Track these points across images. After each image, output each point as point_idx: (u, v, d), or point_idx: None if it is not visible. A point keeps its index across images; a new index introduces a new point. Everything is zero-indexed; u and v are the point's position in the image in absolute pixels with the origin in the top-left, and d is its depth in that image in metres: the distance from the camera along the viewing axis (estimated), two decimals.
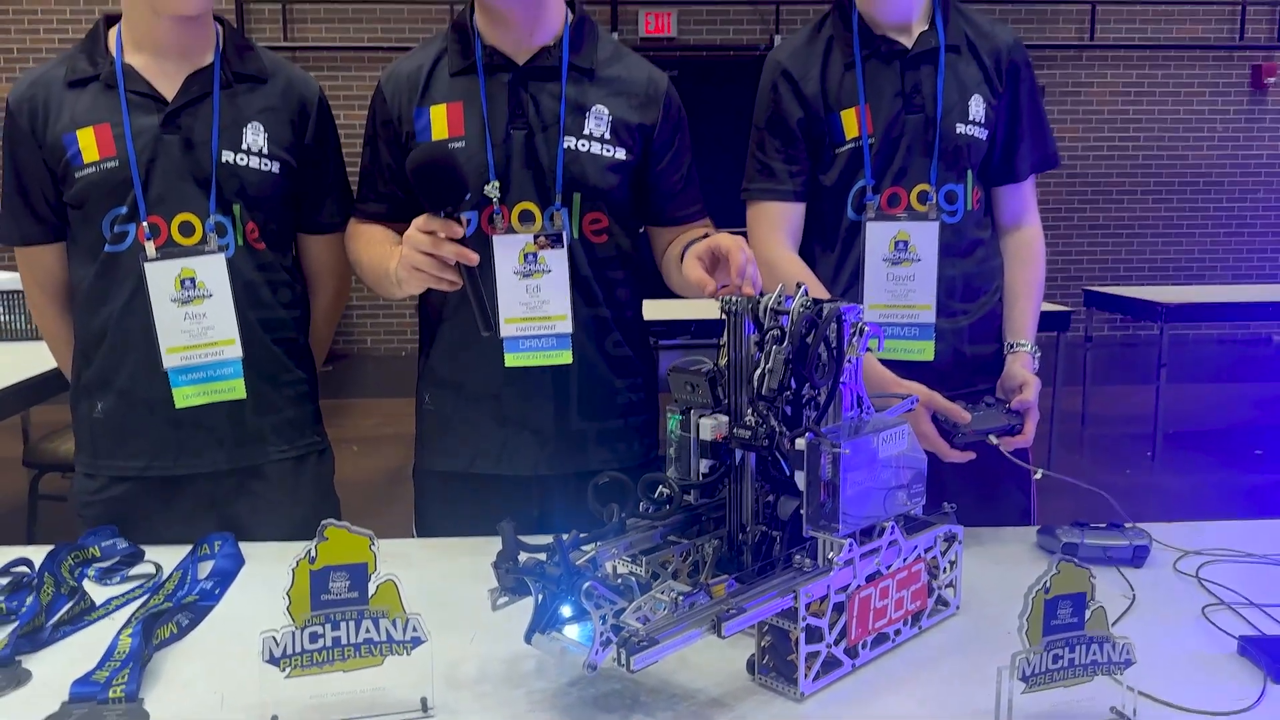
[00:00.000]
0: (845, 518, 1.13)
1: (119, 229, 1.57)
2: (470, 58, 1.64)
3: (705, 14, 8.03)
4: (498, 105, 1.63)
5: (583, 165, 1.63)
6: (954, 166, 1.71)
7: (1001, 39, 1.76)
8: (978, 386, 1.72)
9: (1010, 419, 1.62)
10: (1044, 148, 1.80)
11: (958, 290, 1.74)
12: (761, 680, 1.13)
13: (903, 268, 1.70)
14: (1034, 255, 1.80)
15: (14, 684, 1.15)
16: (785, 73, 1.74)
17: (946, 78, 1.70)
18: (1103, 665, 1.04)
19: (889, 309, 1.71)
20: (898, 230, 1.70)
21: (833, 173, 1.73)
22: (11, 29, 7.79)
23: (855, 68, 1.70)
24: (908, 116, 1.70)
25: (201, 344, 1.59)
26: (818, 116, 1.72)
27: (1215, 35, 8.32)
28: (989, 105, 1.73)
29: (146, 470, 1.63)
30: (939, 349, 1.71)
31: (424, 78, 1.66)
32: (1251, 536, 1.57)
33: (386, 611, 1.06)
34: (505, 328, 1.62)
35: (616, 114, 1.65)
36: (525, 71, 1.64)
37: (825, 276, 1.75)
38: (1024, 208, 1.81)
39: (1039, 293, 1.80)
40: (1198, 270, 8.51)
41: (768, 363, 1.19)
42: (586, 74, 1.66)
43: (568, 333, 1.63)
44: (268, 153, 1.63)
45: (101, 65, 1.58)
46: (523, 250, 1.61)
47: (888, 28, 1.72)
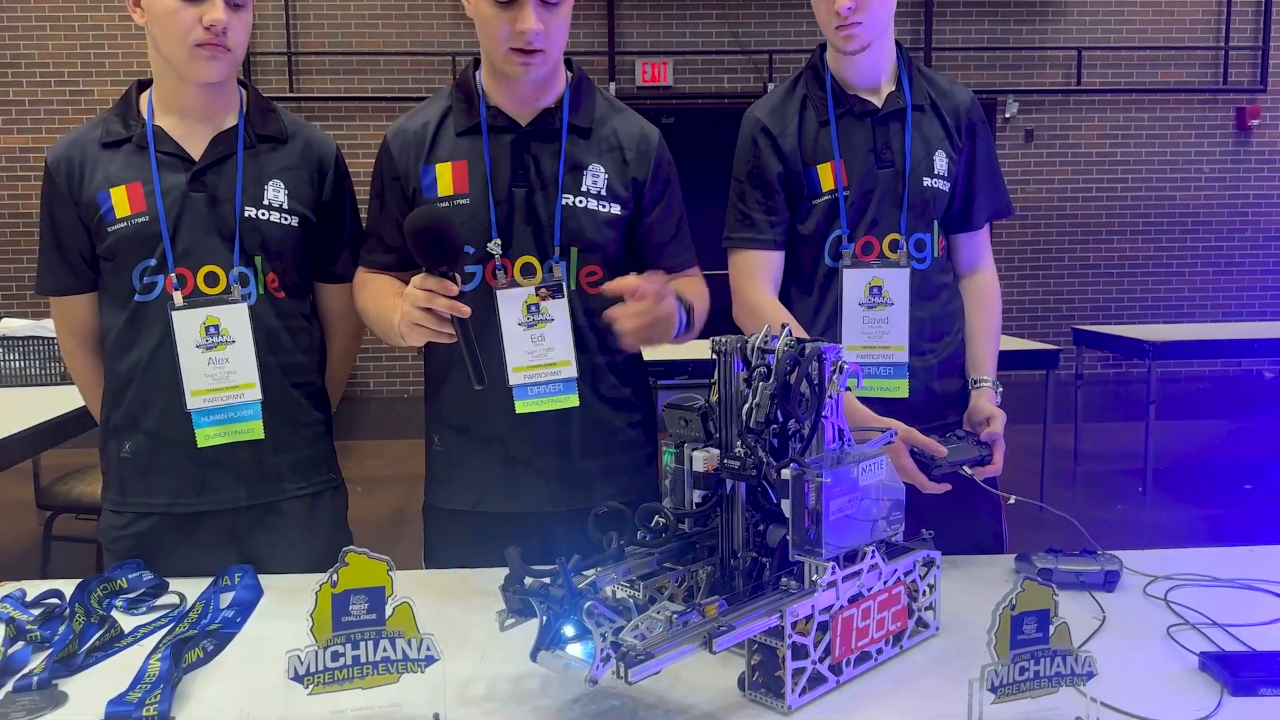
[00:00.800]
0: (828, 543, 1.21)
1: (148, 279, 1.67)
2: (475, 118, 1.73)
3: (700, 63, 8.23)
4: (501, 164, 1.72)
5: (579, 221, 1.72)
6: (922, 217, 1.83)
7: (960, 99, 1.89)
8: (947, 419, 1.83)
9: (980, 450, 1.72)
10: (999, 199, 1.93)
11: (926, 331, 1.85)
12: (751, 696, 1.21)
13: (877, 311, 1.81)
14: (990, 297, 1.92)
15: (52, 705, 1.23)
16: (764, 129, 1.85)
17: (914, 135, 1.82)
18: (1066, 677, 1.12)
19: (865, 350, 1.81)
20: (872, 276, 1.82)
21: (810, 222, 1.84)
22: (24, 81, 7.98)
23: (830, 125, 1.82)
24: (879, 171, 1.82)
25: (224, 387, 1.69)
26: (796, 170, 1.83)
27: (1199, 79, 8.51)
28: (950, 160, 1.85)
29: (171, 507, 1.71)
30: (911, 386, 1.82)
31: (430, 136, 1.75)
32: (1218, 563, 1.65)
33: (402, 632, 1.14)
34: (513, 376, 1.70)
35: (611, 171, 1.75)
36: (528, 133, 1.73)
37: (804, 319, 1.84)
38: (980, 254, 1.94)
39: (996, 332, 1.92)
40: (1187, 308, 8.63)
41: (755, 398, 1.28)
42: (584, 133, 1.75)
43: (573, 377, 1.72)
44: (288, 208, 1.73)
45: (134, 127, 1.69)
46: (525, 302, 1.70)
47: (858, 89, 1.84)
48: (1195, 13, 8.46)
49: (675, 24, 8.23)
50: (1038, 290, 8.53)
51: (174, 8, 1.60)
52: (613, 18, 8.15)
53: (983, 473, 1.72)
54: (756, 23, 8.21)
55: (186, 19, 1.60)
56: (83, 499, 3.38)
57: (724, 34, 8.19)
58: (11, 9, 7.90)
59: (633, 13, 8.23)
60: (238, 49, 1.65)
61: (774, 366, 1.28)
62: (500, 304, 1.70)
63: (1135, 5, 8.43)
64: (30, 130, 8.01)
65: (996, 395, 1.84)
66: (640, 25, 8.24)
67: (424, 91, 7.93)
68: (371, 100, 8.09)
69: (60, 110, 8.01)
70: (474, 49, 1.77)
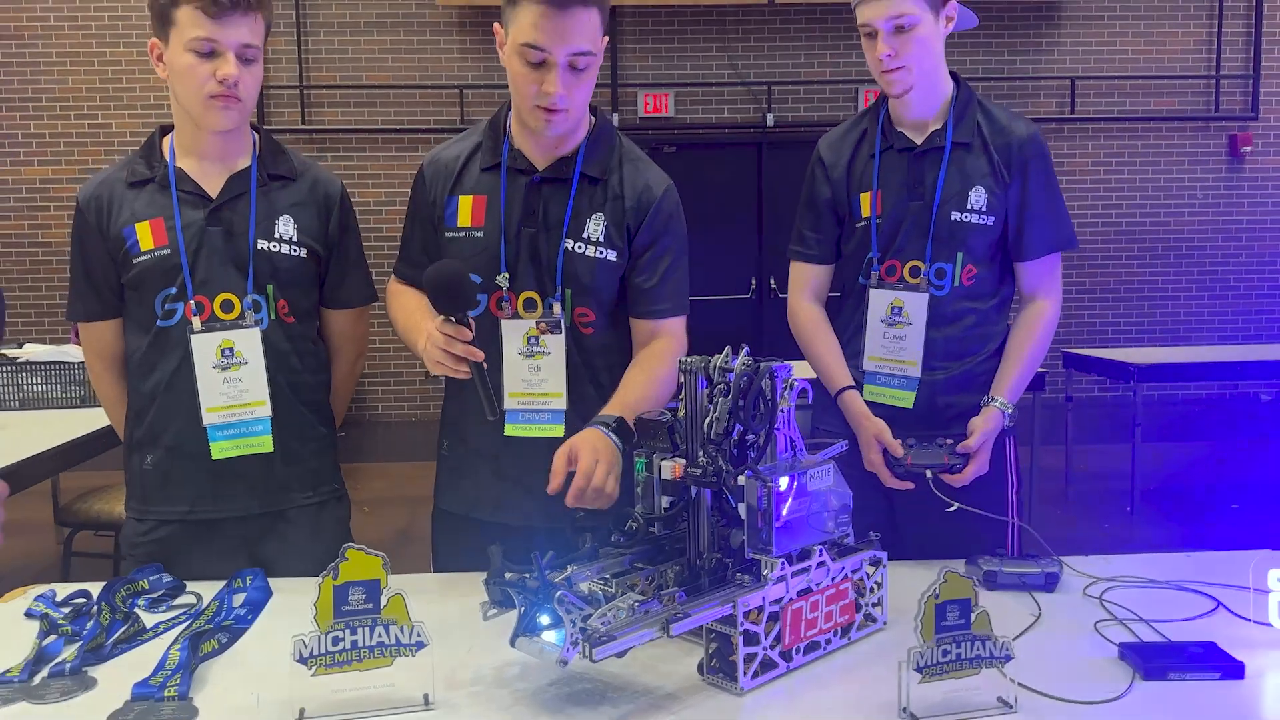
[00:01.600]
0: (779, 541, 1.36)
1: (169, 306, 1.83)
2: (499, 158, 1.86)
3: (701, 94, 8.42)
4: (514, 205, 1.85)
5: (576, 265, 1.84)
6: (946, 248, 1.98)
7: (1015, 134, 1.98)
8: (952, 430, 1.96)
9: (952, 459, 1.86)
10: (1056, 231, 2.00)
11: (939, 351, 2.00)
12: (709, 679, 1.35)
13: (896, 329, 2.00)
14: (1033, 326, 2.01)
15: (83, 688, 1.38)
16: (820, 159, 2.09)
17: (949, 171, 1.97)
18: (985, 659, 1.25)
19: (883, 362, 2.02)
20: (894, 297, 2.00)
21: (852, 244, 2.07)
22: (45, 115, 8.21)
23: (875, 159, 2.02)
24: (910, 203, 1.99)
25: (237, 405, 1.84)
26: (842, 197, 2.05)
27: (1192, 107, 8.66)
28: (992, 195, 1.96)
29: (189, 515, 1.86)
30: (917, 398, 2.00)
31: (459, 167, 1.89)
32: (1155, 566, 1.78)
33: (395, 619, 1.28)
34: (509, 400, 1.84)
35: (611, 219, 1.85)
36: (542, 179, 1.85)
37: (844, 326, 2.08)
38: (1038, 283, 2.02)
39: (1030, 358, 2.00)
40: (1183, 332, 8.74)
41: (715, 412, 1.43)
42: (594, 180, 1.86)
43: (562, 409, 1.84)
44: (297, 241, 1.89)
45: (157, 169, 1.86)
46: (526, 333, 1.84)
47: (906, 125, 2.01)
48: (1187, 43, 8.63)
49: (676, 57, 8.44)
50: None
51: (191, 64, 1.76)
52: (616, 51, 8.36)
53: (955, 480, 1.87)
54: (755, 55, 8.41)
55: (202, 73, 1.76)
56: (100, 516, 3.54)
57: (724, 66, 8.39)
58: (34, 45, 8.15)
59: (635, 46, 8.44)
60: (249, 99, 1.81)
61: (732, 384, 1.42)
62: (504, 332, 1.84)
63: (1127, 36, 8.60)
64: (50, 162, 8.24)
65: (1004, 416, 1.95)
66: (642, 58, 8.45)
67: (432, 124, 8.15)
68: (381, 132, 8.29)
69: (80, 143, 8.23)
70: (481, 83, 1.93)
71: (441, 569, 1.96)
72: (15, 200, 8.23)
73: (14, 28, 8.13)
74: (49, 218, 8.22)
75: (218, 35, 1.75)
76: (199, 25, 1.74)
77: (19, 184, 8.22)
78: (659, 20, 8.38)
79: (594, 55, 1.75)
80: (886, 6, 1.86)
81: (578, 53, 1.72)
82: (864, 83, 8.40)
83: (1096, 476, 5.90)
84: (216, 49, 1.76)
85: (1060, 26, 8.57)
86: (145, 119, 8.14)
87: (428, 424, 2.02)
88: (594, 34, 1.74)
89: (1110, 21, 8.58)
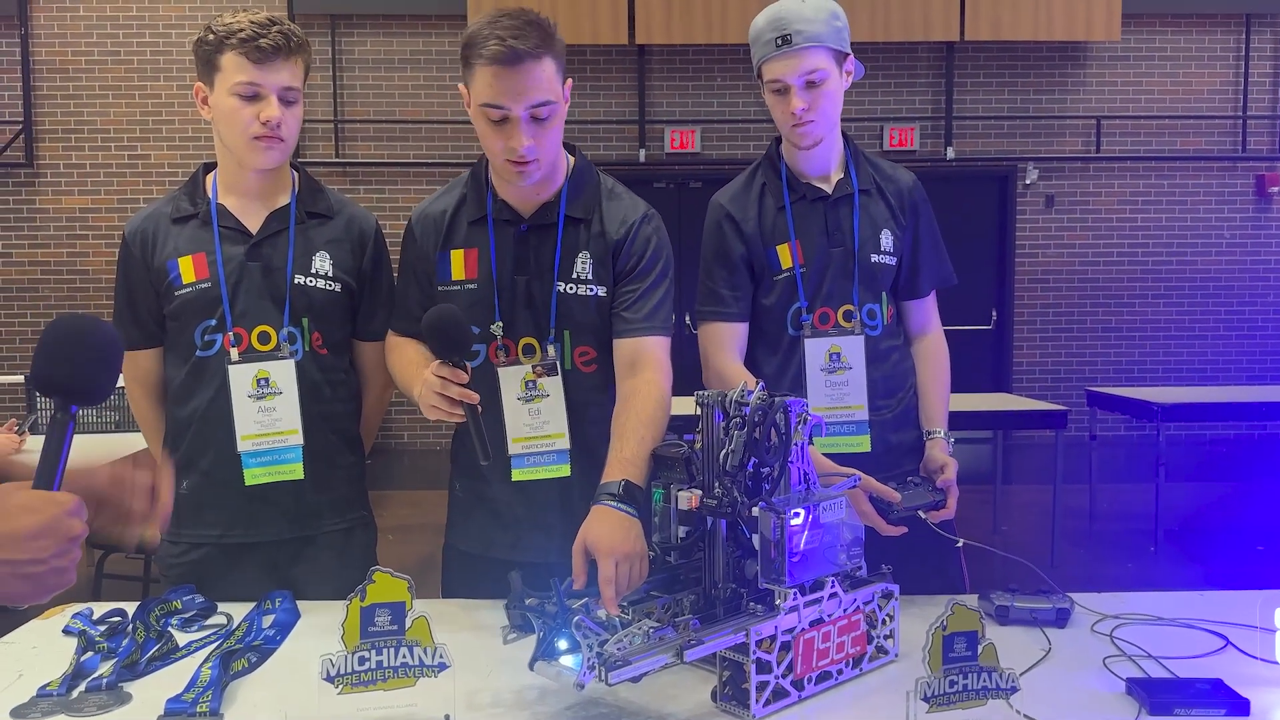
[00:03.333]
0: (792, 572, 1.39)
1: (208, 337, 1.90)
2: (484, 210, 1.90)
3: (726, 131, 8.54)
4: (505, 254, 1.88)
5: (570, 306, 1.87)
6: (871, 288, 2.04)
7: (903, 182, 2.11)
8: (904, 467, 2.01)
9: (935, 495, 1.90)
10: (942, 270, 2.15)
11: (879, 390, 2.04)
12: (722, 706, 1.38)
13: (837, 375, 2.02)
14: (938, 357, 2.14)
15: (118, 703, 1.43)
16: (728, 215, 2.06)
17: (861, 217, 2.04)
18: (992, 690, 1.28)
19: (829, 410, 2.00)
20: (831, 344, 2.02)
21: (772, 296, 2.05)
22: (85, 146, 8.44)
23: (786, 210, 2.04)
24: (832, 250, 2.03)
25: (270, 433, 1.91)
26: (758, 251, 2.04)
27: (1219, 147, 8.67)
28: (896, 237, 2.06)
29: (221, 539, 1.92)
30: (871, 440, 2.01)
31: (447, 223, 1.92)
32: (1165, 605, 1.79)
33: (419, 641, 1.33)
34: (512, 446, 1.87)
35: (595, 256, 1.89)
36: (529, 227, 1.88)
37: (770, 381, 2.02)
38: (928, 318, 2.15)
39: (947, 387, 2.12)
40: (1211, 372, 8.69)
41: (730, 445, 1.47)
42: (580, 222, 1.89)
43: (566, 449, 1.87)
44: (332, 276, 1.96)
45: (200, 205, 1.94)
46: (524, 378, 1.87)
47: (810, 177, 2.06)
48: (1213, 83, 8.65)
49: (703, 94, 8.57)
50: (1059, 353, 8.64)
51: (235, 106, 1.85)
52: (643, 88, 8.49)
53: (937, 516, 1.89)
54: None
55: (246, 115, 1.85)
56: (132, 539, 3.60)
57: (750, 103, 8.50)
58: (78, 79, 8.40)
59: (662, 83, 8.58)
60: (290, 139, 1.90)
61: (747, 417, 1.47)
62: (501, 380, 1.87)
63: (1153, 76, 8.64)
64: (90, 192, 8.45)
65: (949, 445, 2.03)
66: (669, 95, 8.58)
67: (463, 158, 8.30)
68: (413, 166, 8.46)
69: (119, 174, 8.45)
70: None
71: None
72: (55, 229, 8.44)
73: (58, 61, 8.38)
74: (88, 246, 8.43)
75: (260, 79, 1.83)
76: (242, 70, 1.83)
77: (59, 213, 8.44)
78: (686, 58, 8.52)
79: (555, 103, 1.76)
80: (799, 62, 1.91)
81: (536, 104, 1.74)
82: (889, 120, 8.49)
83: (1120, 516, 5.87)
84: (260, 92, 1.84)
85: (1086, 66, 8.63)
86: (183, 150, 8.35)
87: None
88: (550, 83, 1.74)
89: (1136, 61, 8.63)
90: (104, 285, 8.31)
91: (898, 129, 8.48)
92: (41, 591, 0.92)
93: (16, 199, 8.41)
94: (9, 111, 8.36)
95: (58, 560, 0.93)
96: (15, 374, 7.65)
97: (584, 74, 8.36)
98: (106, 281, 8.26)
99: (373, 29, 8.44)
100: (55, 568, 0.93)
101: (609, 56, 8.49)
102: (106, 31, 8.39)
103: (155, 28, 8.39)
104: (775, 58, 1.94)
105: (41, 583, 0.92)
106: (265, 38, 1.83)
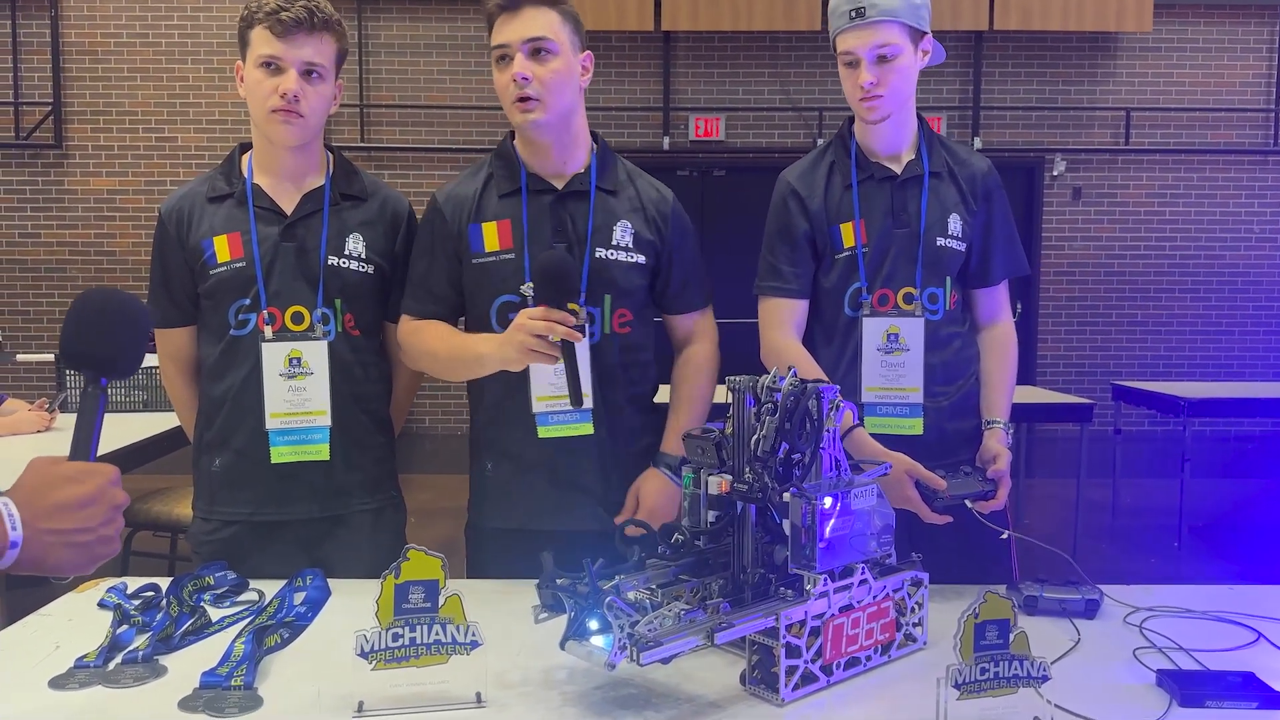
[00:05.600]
0: (822, 558, 1.40)
1: (242, 316, 1.92)
2: (517, 183, 1.96)
3: (751, 119, 8.50)
4: (540, 222, 1.94)
5: (610, 271, 1.94)
6: (935, 272, 2.02)
7: (977, 167, 2.08)
8: (960, 456, 1.98)
9: (985, 486, 1.88)
10: (1015, 259, 2.11)
11: (938, 376, 2.02)
12: (750, 690, 1.39)
13: (894, 356, 2.00)
14: (1006, 348, 2.10)
15: (154, 675, 1.45)
16: (794, 191, 2.06)
17: (930, 199, 2.02)
18: (1023, 679, 1.28)
19: (883, 391, 2.00)
20: (889, 325, 2.01)
21: (832, 276, 2.04)
22: (114, 128, 8.50)
23: (852, 189, 2.02)
24: (896, 231, 2.01)
25: (299, 412, 1.93)
26: (821, 228, 2.03)
27: (1250, 140, 8.56)
28: (965, 222, 2.03)
29: (253, 516, 1.95)
30: (925, 425, 2.00)
31: (476, 197, 1.98)
32: (1199, 598, 1.78)
33: (452, 619, 1.34)
34: (536, 405, 1.92)
35: (637, 226, 1.97)
36: (564, 195, 1.96)
37: (827, 364, 2.02)
38: (997, 308, 2.11)
39: (1010, 379, 2.09)
40: (1238, 367, 8.60)
41: (762, 430, 1.47)
42: (610, 194, 1.98)
43: (589, 408, 1.90)
44: (365, 258, 1.97)
45: (235, 185, 1.96)
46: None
47: (881, 156, 2.05)
48: (1245, 75, 8.54)
49: (728, 81, 8.53)
50: (1085, 346, 8.58)
51: (258, 79, 1.88)
52: (668, 75, 8.47)
53: (986, 507, 1.87)
54: (807, 81, 8.47)
55: (267, 87, 1.87)
56: (160, 517, 3.65)
57: (775, 91, 8.46)
58: (106, 60, 8.46)
59: (687, 71, 8.54)
60: (311, 115, 1.90)
61: (779, 403, 1.47)
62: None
63: (1184, 67, 8.54)
64: (118, 174, 8.52)
65: (1008, 436, 2.00)
66: (695, 83, 8.55)
67: (487, 143, 8.30)
68: (437, 151, 8.47)
69: (146, 156, 8.51)
70: None
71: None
72: (84, 210, 8.52)
73: (87, 43, 8.44)
74: (115, 227, 8.50)
75: (282, 52, 1.85)
76: (266, 43, 1.85)
77: (87, 194, 8.51)
78: (711, 45, 8.48)
79: (552, 42, 1.87)
80: (871, 36, 1.90)
81: (532, 38, 1.86)
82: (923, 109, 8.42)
83: (1144, 511, 5.83)
84: (280, 65, 1.86)
85: (1116, 57, 8.53)
86: (210, 133, 8.40)
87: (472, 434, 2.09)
88: (550, 27, 1.87)
89: (1167, 53, 8.52)
90: (131, 266, 8.38)
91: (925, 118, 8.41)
92: (89, 561, 0.94)
93: (45, 180, 8.49)
94: (39, 93, 8.43)
95: (105, 529, 0.95)
96: (44, 353, 7.74)
97: (609, 60, 8.34)
98: (134, 263, 8.34)
99: (399, 14, 8.45)
100: (103, 536, 0.95)
101: (634, 43, 8.47)
102: (135, 14, 8.44)
103: (184, 10, 8.43)
104: (848, 30, 1.93)
105: (89, 551, 0.93)
106: (288, 10, 1.84)
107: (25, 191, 8.50)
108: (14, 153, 8.45)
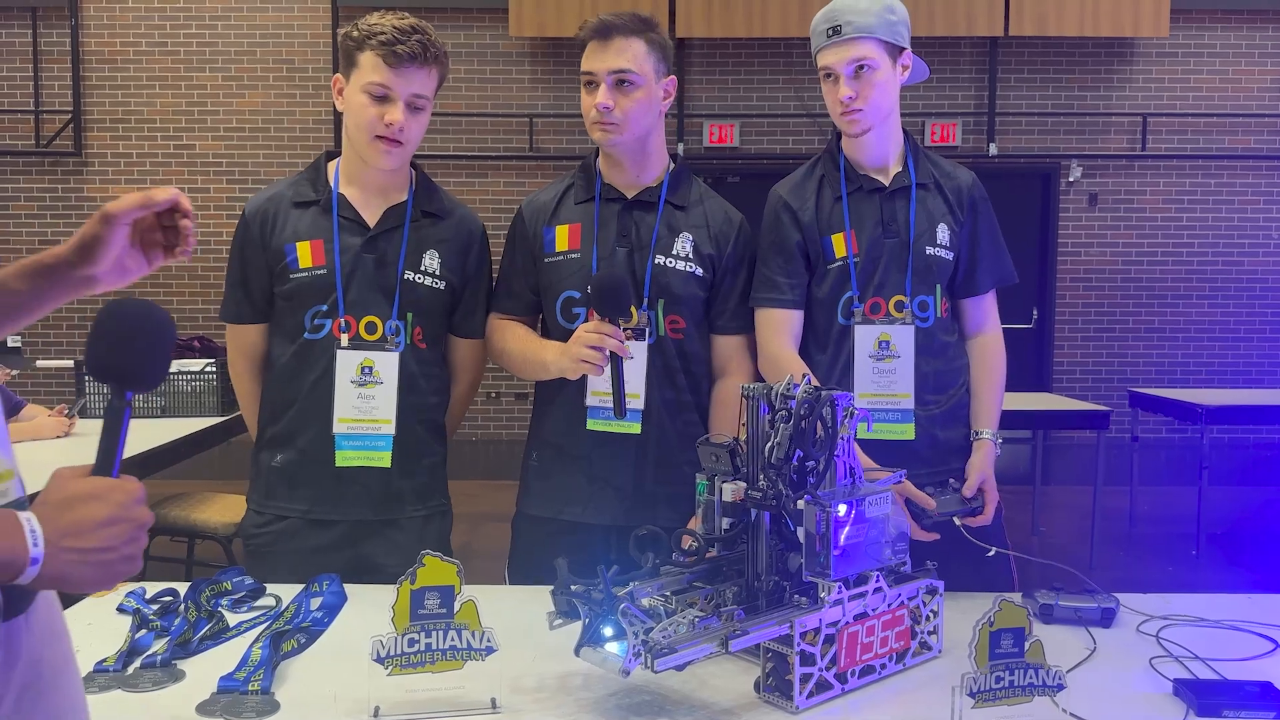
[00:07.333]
0: (836, 565, 1.40)
1: (318, 322, 1.98)
2: (592, 191, 2.09)
3: (765, 125, 8.50)
4: (608, 228, 2.06)
5: (668, 278, 2.03)
6: (925, 281, 2.05)
7: (962, 179, 2.12)
8: (952, 465, 2.01)
9: (971, 502, 1.90)
10: (1001, 267, 2.13)
11: (929, 384, 2.04)
12: (765, 697, 1.39)
13: (885, 363, 2.03)
14: (994, 356, 2.12)
15: (172, 679, 1.46)
16: (786, 204, 2.10)
17: (918, 209, 2.06)
18: (1038, 687, 1.28)
19: (875, 397, 2.02)
20: (880, 332, 2.03)
21: (824, 286, 2.07)
22: (133, 135, 8.56)
23: (843, 201, 2.06)
24: (886, 240, 2.04)
25: (366, 419, 1.99)
26: (813, 239, 2.07)
27: (1267, 146, 8.50)
28: (953, 232, 2.07)
29: (308, 513, 2.01)
30: (917, 433, 2.01)
31: (554, 204, 2.11)
32: (1213, 606, 1.78)
33: (467, 624, 1.35)
34: (590, 399, 2.01)
35: (699, 240, 2.06)
36: (632, 203, 2.07)
37: (820, 372, 2.05)
38: (985, 317, 2.14)
39: (999, 388, 2.11)
40: (1256, 374, 8.53)
41: (776, 437, 1.47)
42: (679, 208, 2.08)
43: (639, 409, 1.99)
44: (439, 274, 2.04)
45: (321, 193, 2.02)
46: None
47: (869, 169, 2.08)
48: (1263, 80, 8.49)
49: (743, 88, 8.53)
50: (1101, 353, 8.53)
51: (364, 103, 1.92)
52: (683, 82, 8.47)
53: (975, 522, 1.90)
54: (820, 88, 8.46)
55: (372, 114, 1.91)
56: (178, 522, 3.68)
57: (789, 98, 8.46)
58: (125, 69, 8.53)
59: (702, 78, 8.56)
60: (410, 144, 1.96)
61: (794, 410, 1.47)
62: None
63: (1201, 73, 8.49)
64: (137, 181, 8.58)
65: (996, 448, 2.02)
66: (709, 89, 8.56)
67: (502, 151, 8.34)
68: (454, 159, 8.49)
69: (165, 163, 8.57)
70: (550, 113, 2.11)
71: (516, 570, 2.10)
72: None
73: (107, 52, 8.52)
74: None
75: (392, 83, 1.90)
76: (377, 71, 1.90)
77: (106, 202, 8.55)
78: (725, 52, 8.49)
79: (635, 74, 1.97)
80: (848, 51, 1.96)
81: (617, 70, 1.97)
82: (931, 115, 8.41)
83: (1161, 519, 5.79)
84: (389, 95, 1.91)
85: (1132, 63, 8.49)
86: (228, 141, 8.45)
87: (487, 443, 2.15)
88: (636, 59, 1.98)
89: (1184, 58, 8.48)
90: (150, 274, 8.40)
91: (940, 124, 8.40)
92: (110, 579, 0.93)
93: (65, 187, 8.56)
94: (59, 101, 8.51)
95: (128, 548, 0.93)
96: (64, 359, 7.80)
97: None
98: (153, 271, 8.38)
99: None
100: (126, 555, 0.92)
101: None
102: (154, 23, 8.51)
103: (202, 19, 8.50)
104: (826, 47, 1.99)
105: (111, 570, 0.92)
106: (403, 44, 1.89)
107: (45, 199, 8.58)
108: (34, 160, 8.53)
